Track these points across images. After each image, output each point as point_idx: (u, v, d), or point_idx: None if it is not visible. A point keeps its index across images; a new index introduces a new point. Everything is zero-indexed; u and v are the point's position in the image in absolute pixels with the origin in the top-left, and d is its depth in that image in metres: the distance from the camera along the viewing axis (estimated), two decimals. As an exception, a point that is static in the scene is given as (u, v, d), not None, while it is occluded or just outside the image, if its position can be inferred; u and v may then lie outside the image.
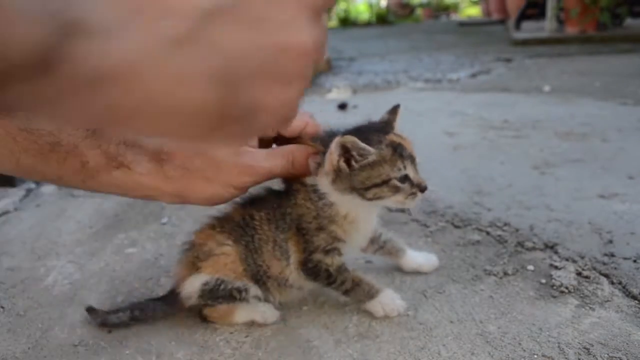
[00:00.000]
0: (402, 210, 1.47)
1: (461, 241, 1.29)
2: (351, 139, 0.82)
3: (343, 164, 0.84)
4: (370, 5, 12.65)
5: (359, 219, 0.93)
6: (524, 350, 0.87)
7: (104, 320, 1.02)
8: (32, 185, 1.99)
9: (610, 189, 1.56)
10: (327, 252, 0.93)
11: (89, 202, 1.79)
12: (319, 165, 0.88)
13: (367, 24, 11.78)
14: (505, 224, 1.37)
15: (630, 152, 1.90)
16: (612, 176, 1.67)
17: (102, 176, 0.77)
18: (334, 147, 0.83)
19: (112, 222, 1.60)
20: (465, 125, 2.47)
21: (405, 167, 0.86)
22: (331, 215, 0.90)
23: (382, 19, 11.77)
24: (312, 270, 0.94)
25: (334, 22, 12.50)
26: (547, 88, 3.23)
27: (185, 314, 1.07)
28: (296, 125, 0.89)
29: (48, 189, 1.97)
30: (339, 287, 0.96)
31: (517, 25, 6.63)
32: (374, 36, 8.46)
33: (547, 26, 6.03)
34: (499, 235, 1.31)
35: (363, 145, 0.83)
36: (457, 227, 1.38)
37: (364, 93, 3.65)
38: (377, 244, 1.10)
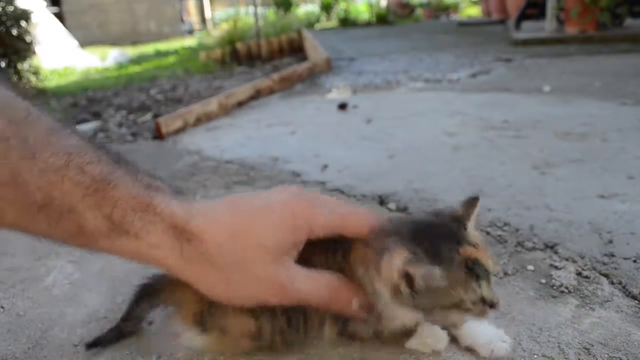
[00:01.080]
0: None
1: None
2: (417, 267, 0.66)
3: (405, 288, 0.69)
4: (370, 5, 12.63)
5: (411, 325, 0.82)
6: (524, 350, 0.87)
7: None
8: (32, 185, 1.98)
9: (610, 189, 1.56)
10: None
11: (89, 202, 1.79)
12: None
13: (367, 24, 11.76)
14: (505, 224, 1.37)
15: (630, 152, 1.89)
16: (612, 176, 1.67)
17: (103, 242, 0.67)
18: (394, 267, 0.68)
19: (112, 222, 1.60)
20: (465, 125, 2.47)
21: (480, 287, 0.71)
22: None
23: (382, 19, 11.75)
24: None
25: (334, 22, 12.49)
26: (547, 88, 3.23)
27: (185, 314, 1.07)
28: (355, 227, 0.73)
29: (48, 189, 1.97)
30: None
31: (517, 25, 6.62)
32: (374, 36, 8.45)
33: (547, 26, 6.03)
34: (499, 235, 1.31)
35: (430, 270, 0.67)
36: (457, 227, 1.38)
37: (364, 93, 3.65)
38: None
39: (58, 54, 7.44)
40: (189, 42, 10.77)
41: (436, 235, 0.71)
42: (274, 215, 0.70)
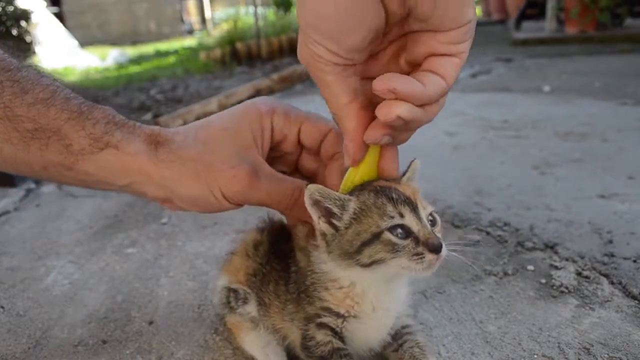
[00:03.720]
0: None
1: (461, 241, 1.29)
2: (316, 187, 0.66)
3: (324, 225, 0.67)
4: (370, 5, 12.63)
5: (365, 297, 0.73)
6: (524, 350, 0.87)
7: None
8: (32, 185, 1.99)
9: (610, 189, 1.56)
10: (319, 325, 0.74)
11: (89, 202, 1.79)
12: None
13: (367, 24, 11.76)
14: (505, 224, 1.37)
15: (630, 152, 1.89)
16: (612, 176, 1.67)
17: (87, 160, 0.70)
18: (307, 204, 0.66)
19: (112, 222, 1.60)
20: (465, 125, 2.47)
21: (401, 215, 0.65)
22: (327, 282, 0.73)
23: (382, 19, 11.75)
24: (306, 347, 0.75)
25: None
26: (547, 88, 3.23)
27: (185, 314, 1.07)
28: (313, 133, 0.77)
29: (48, 188, 1.97)
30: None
31: (517, 25, 6.62)
32: (374, 36, 8.44)
33: (547, 26, 6.03)
34: (499, 235, 1.31)
35: (334, 193, 0.66)
36: (457, 227, 1.38)
37: (364, 93, 3.64)
38: (394, 343, 0.79)
39: (58, 54, 7.44)
40: (189, 42, 10.77)
41: (367, 183, 0.70)
42: (237, 108, 0.78)
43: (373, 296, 0.72)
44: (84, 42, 10.04)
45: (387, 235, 0.64)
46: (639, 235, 1.26)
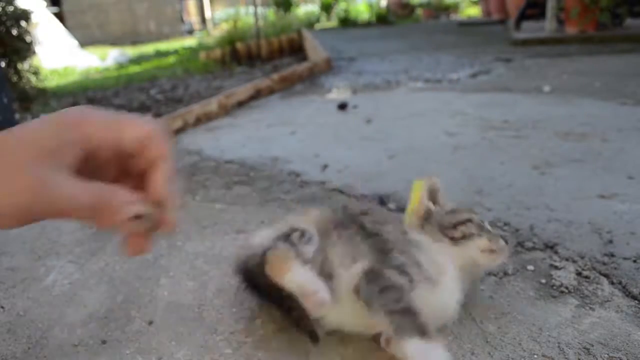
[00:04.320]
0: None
1: (461, 241, 1.29)
2: (432, 181, 0.96)
3: (429, 203, 0.95)
4: (370, 5, 12.63)
5: (444, 270, 0.89)
6: (524, 350, 0.87)
7: None
8: (32, 185, 1.99)
9: (610, 189, 1.56)
10: (402, 272, 0.85)
11: (89, 202, 1.79)
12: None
13: (367, 24, 11.76)
14: (505, 224, 1.37)
15: (630, 152, 1.90)
16: (612, 176, 1.67)
17: None
18: (424, 190, 0.97)
19: (112, 222, 1.60)
20: (465, 125, 2.47)
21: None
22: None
23: (382, 19, 11.75)
24: (375, 282, 0.84)
25: (334, 22, 12.49)
26: (547, 88, 3.23)
27: (185, 314, 1.07)
28: (133, 137, 0.67)
29: (48, 189, 1.97)
30: (391, 304, 0.81)
31: (517, 25, 6.62)
32: (374, 36, 8.46)
33: (547, 26, 6.03)
34: (499, 235, 1.31)
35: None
36: (457, 227, 1.38)
37: (364, 93, 3.65)
38: None
39: (58, 54, 7.44)
40: (189, 42, 10.77)
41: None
42: (40, 120, 0.72)
43: (451, 270, 0.89)
44: (84, 42, 10.03)
45: (477, 220, 0.93)
46: (639, 235, 1.26)
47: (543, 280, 1.09)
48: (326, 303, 0.81)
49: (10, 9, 2.54)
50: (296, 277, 0.84)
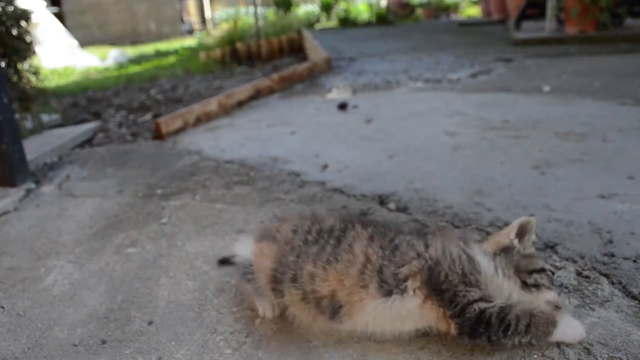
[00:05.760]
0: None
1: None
2: (531, 220, 0.94)
3: (515, 240, 0.93)
4: (370, 5, 12.62)
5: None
6: (524, 350, 0.87)
7: None
8: (32, 185, 1.99)
9: (610, 189, 1.56)
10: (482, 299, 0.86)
11: (89, 202, 1.79)
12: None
13: (367, 24, 11.76)
14: (505, 224, 1.37)
15: (630, 152, 1.89)
16: (612, 176, 1.67)
17: None
18: (516, 226, 0.94)
19: (112, 222, 1.60)
20: (465, 125, 2.47)
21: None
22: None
23: (382, 19, 11.75)
24: (471, 320, 0.84)
25: (334, 22, 12.48)
26: (547, 88, 3.23)
27: (185, 314, 1.07)
28: None
29: (48, 188, 1.97)
30: (514, 330, 0.84)
31: (517, 25, 6.62)
32: (374, 36, 8.45)
33: (547, 26, 6.03)
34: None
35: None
36: (457, 227, 1.38)
37: (364, 93, 3.65)
38: None
39: (58, 54, 7.44)
40: (189, 42, 10.76)
41: None
42: None
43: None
44: (84, 42, 10.03)
45: (549, 272, 0.92)
46: (639, 235, 1.26)
47: (543, 280, 1.09)
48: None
49: (10, 9, 2.54)
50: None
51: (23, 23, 2.60)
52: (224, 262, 1.24)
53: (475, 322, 0.83)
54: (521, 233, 0.94)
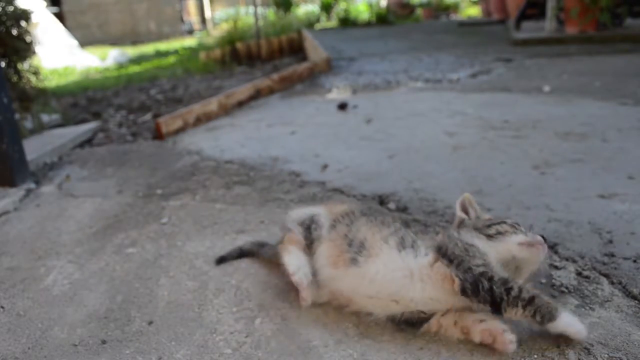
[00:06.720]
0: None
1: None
2: (467, 195, 1.10)
3: (461, 214, 1.08)
4: (370, 5, 12.63)
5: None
6: (524, 351, 0.87)
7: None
8: (32, 185, 1.99)
9: (610, 189, 1.56)
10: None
11: (89, 202, 1.79)
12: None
13: (367, 24, 11.76)
14: (505, 224, 1.37)
15: (630, 152, 1.89)
16: (612, 176, 1.67)
17: None
18: (460, 203, 1.11)
19: (112, 222, 1.60)
20: (465, 125, 2.47)
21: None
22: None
23: (382, 19, 11.75)
24: (475, 276, 0.89)
25: (334, 22, 12.48)
26: (547, 88, 3.23)
27: (185, 314, 1.07)
28: None
29: (48, 188, 1.97)
30: (518, 294, 0.86)
31: (517, 25, 6.62)
32: (374, 36, 8.45)
33: (547, 26, 6.02)
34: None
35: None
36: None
37: (364, 93, 3.65)
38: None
39: (58, 54, 7.44)
40: (189, 42, 10.77)
41: None
42: None
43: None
44: (84, 42, 10.03)
45: (510, 222, 0.99)
46: (639, 235, 1.26)
47: (543, 280, 1.09)
48: (302, 284, 1.00)
49: (10, 9, 2.54)
50: (286, 259, 1.05)
51: (23, 23, 2.60)
52: (222, 261, 1.28)
53: (480, 276, 0.88)
54: (464, 208, 1.11)
